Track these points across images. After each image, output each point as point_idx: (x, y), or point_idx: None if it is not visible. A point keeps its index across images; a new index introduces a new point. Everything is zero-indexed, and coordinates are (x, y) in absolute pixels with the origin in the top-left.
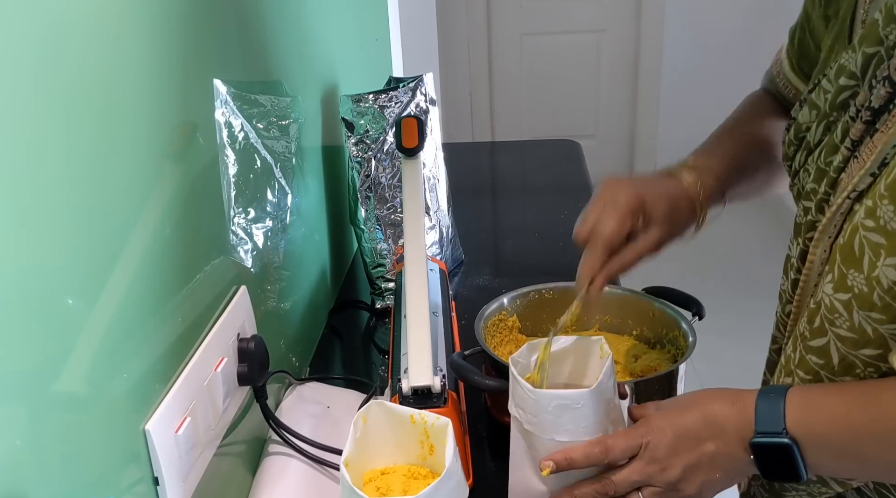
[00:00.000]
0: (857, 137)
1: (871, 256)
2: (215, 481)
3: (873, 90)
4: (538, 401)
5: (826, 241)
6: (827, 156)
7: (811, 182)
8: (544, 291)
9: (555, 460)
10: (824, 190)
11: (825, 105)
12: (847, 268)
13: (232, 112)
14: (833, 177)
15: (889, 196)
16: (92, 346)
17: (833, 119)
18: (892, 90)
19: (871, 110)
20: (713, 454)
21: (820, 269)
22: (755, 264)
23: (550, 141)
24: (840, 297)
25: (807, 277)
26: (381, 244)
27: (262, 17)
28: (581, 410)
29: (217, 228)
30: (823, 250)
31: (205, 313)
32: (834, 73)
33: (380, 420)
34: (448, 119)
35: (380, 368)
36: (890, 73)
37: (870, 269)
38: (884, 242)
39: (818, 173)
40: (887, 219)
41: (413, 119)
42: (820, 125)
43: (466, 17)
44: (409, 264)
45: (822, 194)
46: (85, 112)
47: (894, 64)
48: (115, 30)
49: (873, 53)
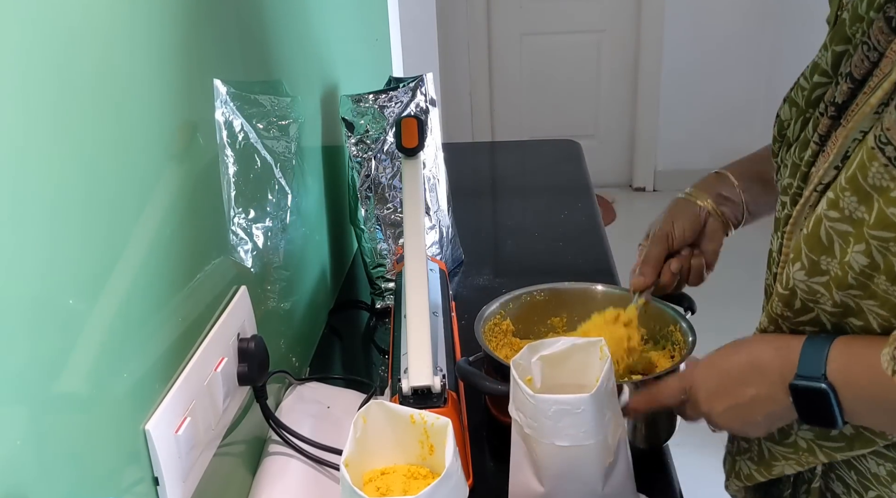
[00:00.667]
0: (823, 132)
1: (840, 244)
2: (215, 481)
3: (838, 86)
4: (538, 405)
5: (798, 233)
6: (800, 151)
7: (787, 177)
8: (535, 293)
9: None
10: (797, 184)
11: (802, 102)
12: (818, 255)
13: (232, 112)
14: (804, 171)
15: (851, 188)
16: (92, 346)
17: (808, 115)
18: (853, 86)
19: (835, 106)
20: (754, 397)
21: None
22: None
23: (550, 141)
24: (817, 280)
25: (782, 270)
26: (381, 244)
27: (263, 17)
28: (581, 415)
29: (217, 228)
30: (797, 242)
31: (205, 313)
32: (809, 70)
33: (380, 420)
34: (448, 119)
35: (380, 368)
36: (851, 70)
37: (841, 255)
38: (851, 231)
39: (793, 168)
40: (851, 209)
41: (413, 119)
42: (798, 121)
43: (466, 17)
44: (409, 264)
45: (796, 188)
46: (85, 112)
47: (855, 61)
48: (114, 30)
49: (842, 52)
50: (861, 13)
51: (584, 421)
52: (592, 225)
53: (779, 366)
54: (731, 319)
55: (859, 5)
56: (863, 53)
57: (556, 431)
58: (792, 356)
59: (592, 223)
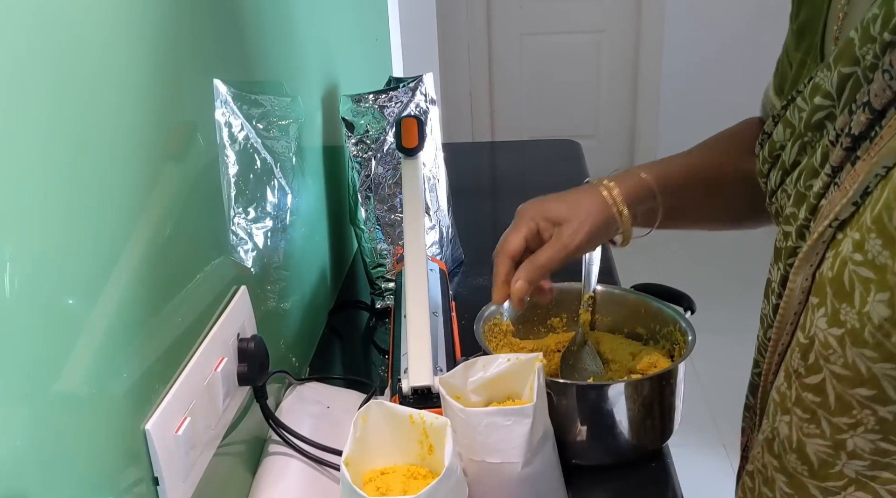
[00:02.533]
0: (837, 164)
1: (861, 292)
2: (215, 481)
3: (853, 115)
4: (468, 420)
5: (807, 269)
6: (806, 179)
7: (790, 206)
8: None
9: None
10: (805, 216)
11: (800, 124)
12: (839, 302)
13: (232, 112)
14: (813, 203)
15: (876, 229)
16: (92, 346)
17: (808, 139)
18: (871, 117)
19: (851, 137)
20: None
21: (801, 297)
22: (747, 259)
23: (550, 141)
24: (833, 332)
25: (787, 305)
26: (381, 244)
27: (263, 17)
28: (511, 429)
29: (217, 228)
30: (805, 278)
31: (205, 313)
32: (809, 91)
33: (379, 420)
34: (448, 119)
35: (380, 368)
36: (870, 100)
37: (861, 304)
38: (873, 277)
39: (797, 197)
40: (875, 253)
41: (413, 119)
42: (795, 145)
43: (466, 17)
44: (409, 264)
45: (803, 221)
46: (83, 111)
47: (874, 89)
48: (114, 29)
49: (849, 73)
50: (874, 34)
51: (516, 435)
52: None
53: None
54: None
55: (871, 25)
56: (884, 82)
57: (487, 447)
58: None
59: None
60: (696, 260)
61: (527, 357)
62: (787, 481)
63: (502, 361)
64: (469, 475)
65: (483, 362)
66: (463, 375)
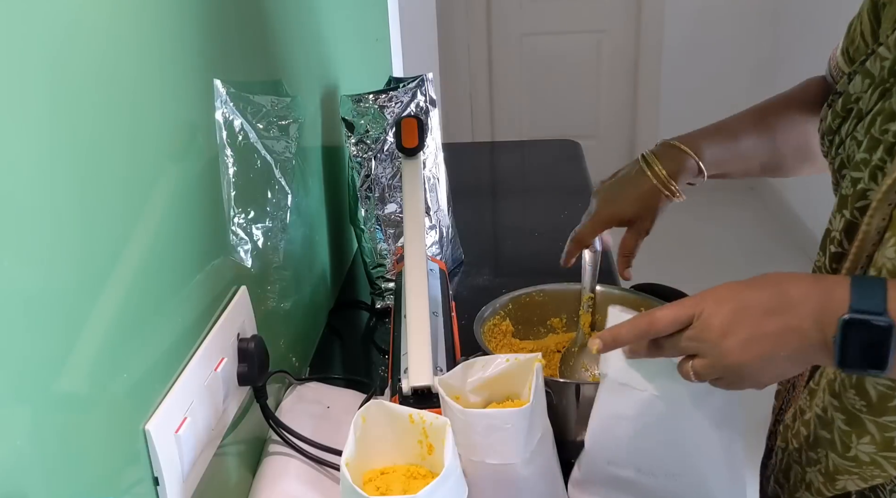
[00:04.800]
0: None
1: None
2: (215, 481)
3: None
4: (467, 421)
5: (885, 208)
6: (883, 123)
7: (861, 152)
8: (535, 293)
9: (601, 338)
10: (880, 157)
11: (882, 72)
12: None
13: (232, 112)
14: (892, 142)
15: None
16: (92, 346)
17: (889, 85)
18: None
19: None
20: (780, 330)
21: (875, 238)
22: (748, 259)
23: (550, 141)
24: None
25: (859, 249)
26: (381, 244)
27: (262, 17)
28: (510, 431)
29: (217, 228)
30: (882, 218)
31: (205, 313)
32: (893, 39)
33: (379, 420)
34: (448, 119)
35: (380, 368)
36: None
37: None
38: None
39: (871, 142)
40: None
41: (413, 119)
42: (875, 92)
43: (466, 17)
44: (409, 264)
45: (878, 162)
46: (84, 112)
47: None
48: (114, 29)
49: None
50: None
51: (512, 436)
52: None
53: (816, 300)
54: None
55: None
56: None
57: (486, 448)
58: (838, 292)
59: None
60: (696, 260)
61: (526, 357)
62: (845, 419)
63: (501, 361)
64: (468, 476)
65: (482, 363)
66: (462, 375)
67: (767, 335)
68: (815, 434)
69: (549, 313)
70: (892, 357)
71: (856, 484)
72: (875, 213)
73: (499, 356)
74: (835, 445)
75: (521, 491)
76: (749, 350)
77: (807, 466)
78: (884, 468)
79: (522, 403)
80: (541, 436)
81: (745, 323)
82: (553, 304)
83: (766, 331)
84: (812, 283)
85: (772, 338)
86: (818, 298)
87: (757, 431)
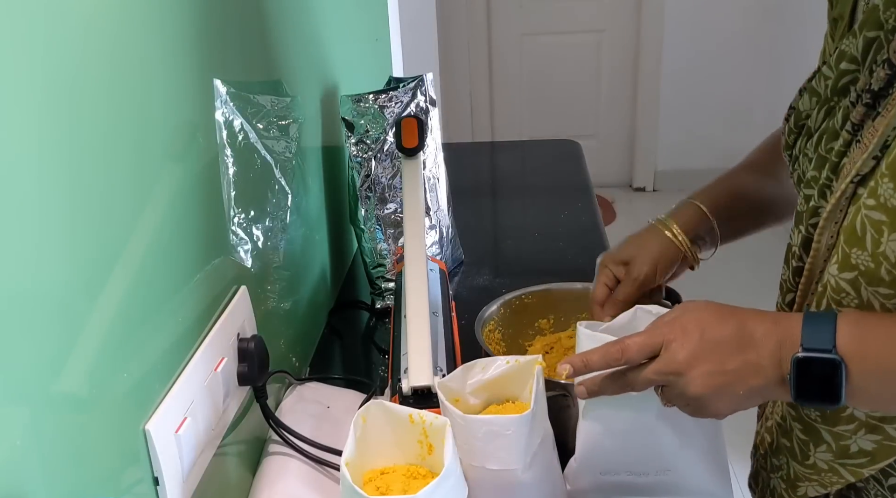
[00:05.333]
0: (857, 121)
1: (873, 234)
2: (215, 481)
3: (873, 73)
4: (468, 427)
5: (832, 227)
6: (828, 142)
7: (811, 170)
8: (524, 296)
9: (572, 364)
10: (826, 176)
11: (826, 91)
12: (850, 247)
13: (232, 112)
14: (835, 161)
15: (889, 174)
16: (92, 345)
17: (833, 104)
18: (891, 72)
19: (871, 93)
20: (741, 366)
21: (825, 254)
22: (749, 261)
23: (550, 141)
24: (846, 276)
25: (812, 265)
26: (381, 244)
27: (262, 17)
28: (511, 437)
29: (217, 228)
30: (830, 236)
31: (205, 313)
32: (835, 58)
33: (379, 420)
34: (448, 119)
35: (380, 368)
36: (889, 56)
37: (874, 246)
38: (885, 219)
39: (819, 160)
40: (887, 196)
41: (413, 119)
42: (821, 111)
43: (466, 17)
44: (409, 264)
45: (825, 180)
46: (85, 111)
47: (894, 46)
48: (115, 30)
49: (873, 38)
50: None
51: (513, 442)
52: (592, 225)
53: (776, 338)
54: None
55: None
56: None
57: (487, 454)
58: (793, 330)
59: (592, 223)
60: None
61: (526, 359)
62: (802, 429)
63: (501, 363)
64: (468, 481)
65: (482, 364)
66: (462, 377)
67: (727, 371)
68: (777, 442)
69: (536, 315)
70: (844, 390)
71: (815, 490)
72: (824, 231)
73: (499, 358)
74: (794, 453)
75: (522, 496)
76: (709, 383)
77: (771, 473)
78: (841, 475)
79: (523, 406)
80: (541, 440)
81: (708, 358)
82: (542, 305)
83: (726, 367)
84: (773, 322)
85: (731, 374)
86: (777, 337)
87: (749, 436)
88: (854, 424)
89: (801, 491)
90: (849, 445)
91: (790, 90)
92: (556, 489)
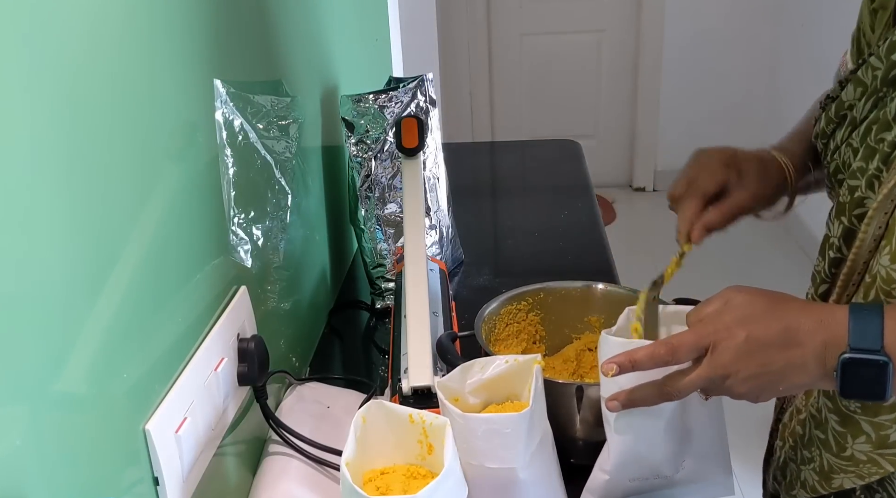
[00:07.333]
0: None
1: None
2: (215, 481)
3: None
4: (467, 425)
5: (881, 216)
6: (878, 133)
7: (858, 160)
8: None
9: (618, 363)
10: (876, 166)
11: (874, 82)
12: None
13: (232, 112)
14: (887, 152)
15: None
16: (92, 346)
17: (882, 95)
18: None
19: None
20: (785, 366)
21: (871, 245)
22: (755, 255)
23: (550, 141)
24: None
25: (856, 256)
26: (381, 244)
27: (263, 17)
28: (510, 435)
29: (217, 228)
30: (878, 226)
31: (205, 313)
32: (885, 49)
33: (379, 420)
34: (448, 119)
35: (380, 368)
36: None
37: None
38: None
39: (867, 151)
40: None
41: (413, 119)
42: (868, 102)
43: (466, 17)
44: (409, 264)
45: (874, 171)
46: (85, 111)
47: None
48: (115, 30)
49: None
50: None
51: (513, 442)
52: (592, 225)
53: (822, 338)
54: None
55: None
56: None
57: (486, 452)
58: (838, 329)
59: (592, 223)
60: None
61: (525, 359)
62: (839, 421)
63: (500, 362)
64: (468, 479)
65: (481, 364)
66: (461, 377)
67: (772, 371)
68: (809, 433)
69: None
70: (890, 388)
71: (852, 481)
72: (871, 222)
73: (498, 357)
74: (829, 445)
75: (521, 494)
76: (753, 385)
77: (801, 465)
78: (881, 465)
79: (522, 405)
80: (540, 439)
81: (753, 359)
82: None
83: (771, 368)
84: (817, 321)
85: (776, 373)
86: (822, 337)
87: (759, 429)
88: (894, 414)
89: (836, 483)
90: (889, 434)
91: (790, 90)
92: (555, 487)
